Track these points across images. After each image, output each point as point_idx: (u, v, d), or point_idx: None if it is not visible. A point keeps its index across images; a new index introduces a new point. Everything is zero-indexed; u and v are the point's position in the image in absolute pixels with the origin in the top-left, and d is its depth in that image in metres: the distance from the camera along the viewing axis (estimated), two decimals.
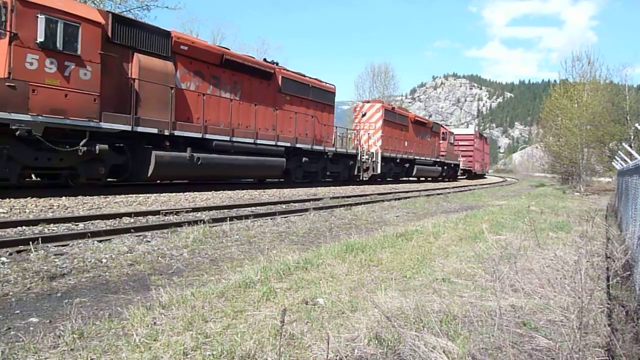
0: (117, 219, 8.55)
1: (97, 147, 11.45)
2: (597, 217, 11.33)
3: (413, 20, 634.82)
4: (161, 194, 12.37)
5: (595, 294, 4.17)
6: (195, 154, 14.08)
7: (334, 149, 22.46)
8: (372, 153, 26.13)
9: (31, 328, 3.51)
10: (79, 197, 10.67)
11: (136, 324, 3.34)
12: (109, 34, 11.99)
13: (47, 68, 10.38)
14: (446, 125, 56.43)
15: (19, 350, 2.98)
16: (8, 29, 9.76)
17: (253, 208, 11.56)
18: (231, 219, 8.98)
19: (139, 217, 8.87)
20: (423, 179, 36.50)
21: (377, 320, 3.40)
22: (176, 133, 13.60)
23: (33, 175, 12.39)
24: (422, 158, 33.39)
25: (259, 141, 17.11)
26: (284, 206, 12.44)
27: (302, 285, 4.46)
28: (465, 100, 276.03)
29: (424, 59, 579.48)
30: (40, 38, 10.17)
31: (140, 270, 5.44)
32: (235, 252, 6.66)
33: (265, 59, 19.11)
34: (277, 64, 19.41)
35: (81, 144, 11.12)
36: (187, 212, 9.89)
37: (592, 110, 28.98)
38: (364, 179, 25.71)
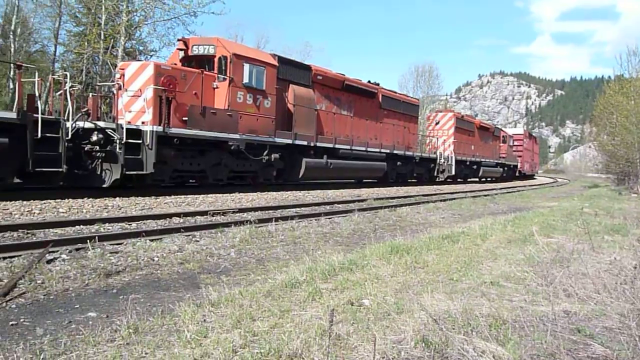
0: (167, 219, 8.83)
1: (272, 156, 15.45)
2: None
3: (457, 17, 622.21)
4: (208, 195, 12.68)
5: None
6: (328, 160, 18.09)
7: (420, 154, 26.33)
8: (447, 157, 29.28)
9: (90, 322, 3.69)
10: (132, 197, 11.10)
11: (187, 320, 3.44)
12: (277, 72, 15.76)
13: (247, 101, 14.58)
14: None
15: (79, 343, 3.14)
16: (228, 75, 13.89)
17: (297, 209, 11.67)
18: (276, 219, 9.07)
19: (188, 217, 9.13)
20: (484, 179, 38.04)
21: (423, 323, 3.36)
22: (318, 144, 17.67)
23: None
24: (486, 160, 36.25)
25: (369, 149, 20.99)
26: (327, 207, 12.49)
27: (347, 286, 4.47)
28: (513, 99, 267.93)
29: (469, 57, 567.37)
30: (246, 80, 14.26)
31: (190, 268, 5.61)
32: (280, 252, 6.74)
33: (369, 81, 22.23)
34: (378, 84, 22.87)
35: (264, 154, 15.21)
36: (233, 212, 10.10)
37: None
38: (441, 179, 29.05)
